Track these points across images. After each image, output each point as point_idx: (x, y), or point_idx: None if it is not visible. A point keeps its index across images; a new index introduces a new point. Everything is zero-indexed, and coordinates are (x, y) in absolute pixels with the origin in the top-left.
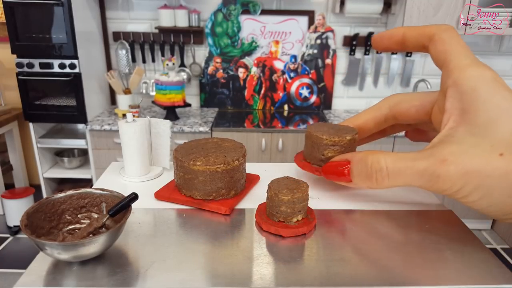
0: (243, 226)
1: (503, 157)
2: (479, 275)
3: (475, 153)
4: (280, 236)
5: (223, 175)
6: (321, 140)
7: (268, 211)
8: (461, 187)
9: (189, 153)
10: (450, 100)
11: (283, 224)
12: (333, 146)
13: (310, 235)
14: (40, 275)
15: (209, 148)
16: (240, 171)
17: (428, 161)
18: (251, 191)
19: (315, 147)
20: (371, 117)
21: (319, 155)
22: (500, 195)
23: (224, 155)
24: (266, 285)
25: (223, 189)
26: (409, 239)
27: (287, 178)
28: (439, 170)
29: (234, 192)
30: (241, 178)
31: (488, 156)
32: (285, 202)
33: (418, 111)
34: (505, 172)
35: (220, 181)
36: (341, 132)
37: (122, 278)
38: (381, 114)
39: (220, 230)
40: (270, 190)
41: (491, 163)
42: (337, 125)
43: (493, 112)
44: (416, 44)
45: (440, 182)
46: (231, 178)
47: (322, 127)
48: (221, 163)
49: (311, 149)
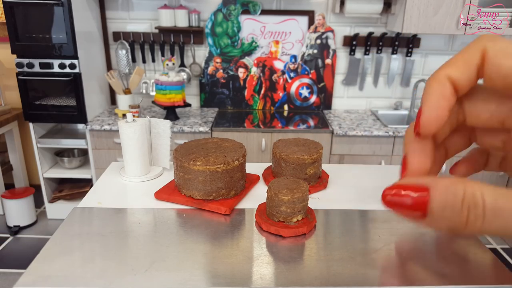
0: (243, 226)
1: None
2: (479, 275)
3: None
4: (280, 236)
5: (223, 175)
6: (303, 160)
7: (268, 211)
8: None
9: (189, 153)
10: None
11: (283, 224)
12: (313, 163)
13: (310, 235)
14: (40, 275)
15: (209, 148)
16: (240, 171)
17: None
18: (251, 191)
19: (297, 168)
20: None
21: (302, 175)
22: None
23: (224, 155)
24: (266, 285)
25: (223, 189)
26: (409, 239)
27: (286, 178)
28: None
29: (234, 192)
30: (241, 178)
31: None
32: (285, 202)
33: (492, 116)
34: None
35: (220, 181)
36: (311, 147)
37: (122, 278)
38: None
39: (220, 230)
40: (270, 190)
41: None
42: (299, 140)
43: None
44: (469, 79)
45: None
46: (231, 178)
47: (289, 145)
48: (221, 163)
49: (290, 170)
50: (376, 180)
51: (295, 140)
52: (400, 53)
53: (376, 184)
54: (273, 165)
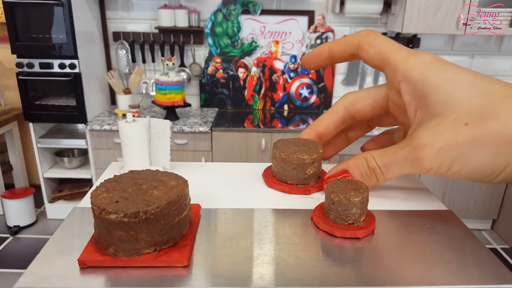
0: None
1: (469, 125)
2: (479, 275)
3: (442, 130)
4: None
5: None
6: (303, 160)
7: (334, 216)
8: (441, 163)
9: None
10: (407, 94)
11: (355, 226)
12: (313, 163)
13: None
14: (40, 275)
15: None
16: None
17: (405, 151)
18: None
19: (297, 169)
20: (330, 122)
21: (302, 175)
22: (478, 158)
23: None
24: (266, 285)
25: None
26: (409, 239)
27: (339, 180)
28: (417, 155)
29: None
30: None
31: (455, 129)
32: (356, 204)
33: (374, 107)
34: (474, 138)
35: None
36: (311, 147)
37: (121, 278)
38: (338, 116)
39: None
40: (338, 195)
41: (460, 134)
42: (299, 140)
43: (446, 88)
44: (344, 56)
45: (422, 165)
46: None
47: (289, 145)
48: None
49: (290, 171)
50: None
51: (295, 140)
52: None
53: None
54: (273, 165)
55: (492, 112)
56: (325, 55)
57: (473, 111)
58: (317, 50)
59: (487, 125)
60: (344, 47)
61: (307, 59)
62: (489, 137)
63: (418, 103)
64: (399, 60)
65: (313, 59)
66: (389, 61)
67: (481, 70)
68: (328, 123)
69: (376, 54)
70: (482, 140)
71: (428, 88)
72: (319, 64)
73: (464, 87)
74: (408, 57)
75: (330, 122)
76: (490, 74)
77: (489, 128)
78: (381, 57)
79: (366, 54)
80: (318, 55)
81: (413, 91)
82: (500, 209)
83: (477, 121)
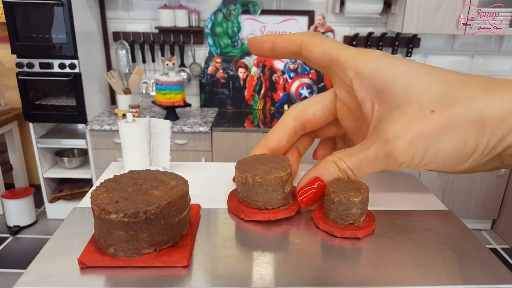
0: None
1: (435, 112)
2: (479, 275)
3: (410, 120)
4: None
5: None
6: (281, 178)
7: (334, 216)
8: (414, 154)
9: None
10: (361, 89)
11: (355, 226)
12: (289, 178)
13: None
14: (40, 275)
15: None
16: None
17: (375, 147)
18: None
19: (276, 189)
20: (281, 135)
21: (281, 195)
22: (450, 144)
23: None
24: (266, 285)
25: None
26: (409, 239)
27: (339, 180)
28: (388, 150)
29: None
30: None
31: (422, 118)
32: (356, 204)
33: (324, 112)
34: (444, 124)
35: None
36: (279, 161)
37: (121, 278)
38: (289, 127)
39: (220, 229)
40: (338, 195)
41: (429, 122)
42: (259, 157)
43: (403, 79)
44: (285, 52)
45: (395, 159)
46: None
47: (255, 166)
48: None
49: (269, 194)
50: (376, 179)
51: (255, 159)
52: (400, 53)
53: (374, 184)
54: (243, 192)
55: (455, 97)
56: (268, 46)
57: (436, 98)
58: (262, 38)
59: (454, 109)
60: (287, 43)
61: (251, 43)
62: (458, 121)
63: (375, 97)
64: (348, 57)
65: (256, 44)
66: (338, 59)
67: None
68: (279, 135)
69: (322, 53)
70: (451, 125)
71: (384, 81)
72: (260, 53)
73: (421, 76)
74: (357, 54)
75: (281, 134)
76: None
77: (456, 111)
78: (329, 55)
79: (311, 53)
80: (262, 44)
81: (367, 86)
82: (500, 209)
83: (443, 107)
